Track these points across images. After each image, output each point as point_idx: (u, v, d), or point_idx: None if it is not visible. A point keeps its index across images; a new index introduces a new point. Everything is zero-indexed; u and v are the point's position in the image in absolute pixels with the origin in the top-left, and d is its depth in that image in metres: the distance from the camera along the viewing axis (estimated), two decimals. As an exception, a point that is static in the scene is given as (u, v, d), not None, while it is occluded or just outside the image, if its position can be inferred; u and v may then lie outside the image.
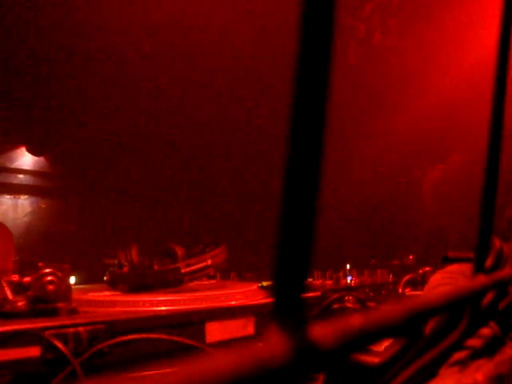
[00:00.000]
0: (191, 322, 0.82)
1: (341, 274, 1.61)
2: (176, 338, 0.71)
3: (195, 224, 4.15)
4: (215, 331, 0.83)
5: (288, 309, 0.20)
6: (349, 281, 1.62)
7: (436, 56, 3.12)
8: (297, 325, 0.19)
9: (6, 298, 0.83)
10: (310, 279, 1.48)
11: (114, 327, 0.74)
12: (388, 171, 3.59)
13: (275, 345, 0.18)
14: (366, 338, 0.21)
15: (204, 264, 1.16)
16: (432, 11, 3.01)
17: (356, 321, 0.21)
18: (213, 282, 1.45)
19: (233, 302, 0.96)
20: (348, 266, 1.75)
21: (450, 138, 3.24)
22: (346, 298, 1.04)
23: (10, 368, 0.59)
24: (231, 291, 1.01)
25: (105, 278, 1.23)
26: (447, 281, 0.79)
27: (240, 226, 4.00)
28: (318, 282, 1.50)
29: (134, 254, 1.31)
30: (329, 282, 1.50)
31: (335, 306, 0.99)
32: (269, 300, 0.95)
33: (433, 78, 3.14)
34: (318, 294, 1.00)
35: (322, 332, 0.19)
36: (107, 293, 1.12)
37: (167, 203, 4.41)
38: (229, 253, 1.27)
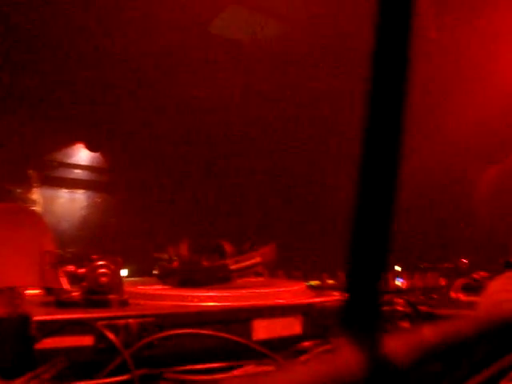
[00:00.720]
0: (238, 319, 0.82)
1: (390, 275, 1.57)
2: (222, 334, 0.72)
3: (245, 221, 4.17)
4: (262, 329, 0.83)
5: (361, 315, 0.19)
6: (398, 283, 1.58)
7: (501, 52, 2.99)
8: (370, 335, 0.18)
9: (62, 288, 0.86)
10: (384, 279, 1.46)
11: (163, 320, 0.75)
12: (442, 170, 3.47)
13: (349, 359, 0.17)
14: (441, 354, 0.20)
15: (253, 261, 1.16)
16: (497, 1, 2.88)
17: (429, 334, 0.19)
18: (261, 279, 1.45)
19: (280, 301, 0.95)
20: (397, 268, 1.71)
21: (508, 137, 3.09)
22: (396, 301, 1.01)
23: (65, 354, 0.61)
24: (279, 289, 1.00)
25: (155, 272, 1.25)
26: (509, 287, 0.75)
27: (289, 224, 3.98)
28: (393, 283, 1.47)
29: (184, 250, 1.33)
30: None
31: (384, 308, 0.97)
32: (316, 299, 0.94)
33: (494, 75, 3.01)
34: (392, 295, 0.98)
35: (396, 346, 0.18)
36: (157, 286, 1.14)
37: (218, 200, 4.46)
38: (277, 251, 1.26)
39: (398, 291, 1.35)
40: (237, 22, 3.17)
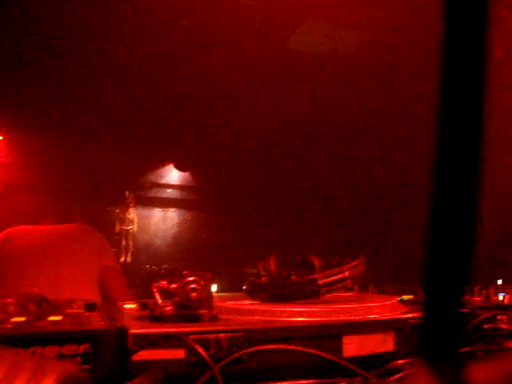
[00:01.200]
0: (328, 335, 0.80)
1: (492, 290, 1.46)
2: (312, 351, 0.70)
3: (333, 235, 4.11)
4: (352, 345, 0.81)
5: (441, 336, 0.17)
6: (501, 298, 1.46)
7: None
8: (450, 360, 0.16)
9: (156, 303, 0.90)
10: (467, 295, 1.37)
11: (252, 336, 0.75)
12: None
13: None
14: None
15: (342, 275, 1.14)
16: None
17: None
18: (351, 294, 1.42)
19: (371, 316, 0.92)
20: (500, 282, 1.59)
21: None
22: (499, 318, 0.94)
23: (158, 367, 0.63)
24: (370, 304, 0.97)
25: (244, 287, 1.27)
26: None
27: (379, 238, 3.87)
28: (465, 298, 1.37)
29: (273, 265, 1.34)
30: (477, 299, 1.37)
31: (486, 326, 0.90)
32: (409, 315, 0.90)
33: None
34: (466, 310, 0.91)
35: (483, 376, 0.16)
36: (246, 301, 1.15)
37: (306, 215, 4.44)
38: (367, 265, 1.23)
39: (501, 307, 1.25)
40: (316, 36, 3.17)
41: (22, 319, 0.76)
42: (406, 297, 1.15)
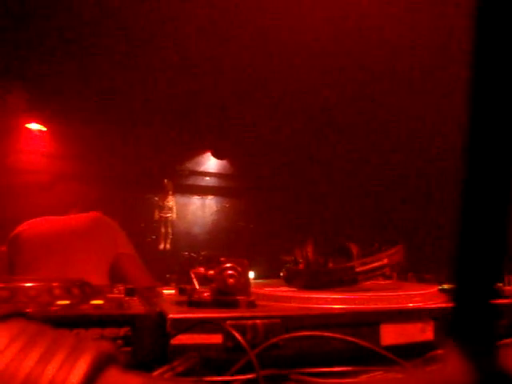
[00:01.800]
0: (365, 323, 0.80)
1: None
2: (349, 338, 0.70)
3: (371, 222, 4.06)
4: (390, 334, 0.80)
5: (472, 322, 0.16)
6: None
7: None
8: (483, 346, 0.16)
9: (194, 289, 0.91)
10: (500, 284, 1.33)
11: (289, 322, 0.75)
12: None
13: (454, 373, 0.15)
14: None
15: (380, 263, 1.12)
16: None
17: None
18: (389, 282, 1.40)
19: (410, 305, 0.91)
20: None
21: None
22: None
23: (196, 351, 0.64)
24: (409, 293, 0.95)
25: (281, 274, 1.27)
26: None
27: (419, 224, 3.80)
28: (510, 288, 1.33)
29: (310, 252, 1.33)
30: (509, 288, 1.32)
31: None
32: (450, 304, 0.88)
33: None
34: (510, 301, 0.89)
35: None
36: (283, 288, 1.15)
37: (344, 202, 4.40)
38: (406, 252, 1.21)
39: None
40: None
41: (67, 302, 0.79)
42: (446, 286, 1.13)
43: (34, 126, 4.65)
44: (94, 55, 3.66)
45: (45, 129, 4.69)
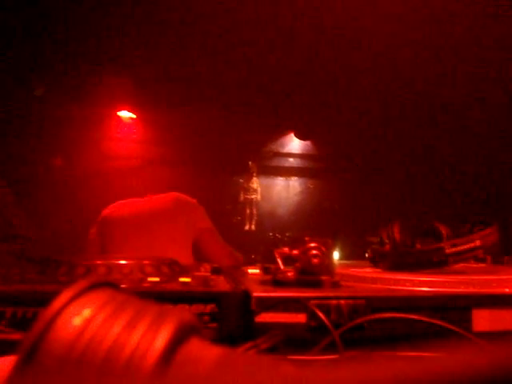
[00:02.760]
0: (455, 307, 0.76)
1: None
2: (438, 322, 0.67)
3: (463, 201, 3.85)
4: (483, 320, 0.76)
5: None
6: None
7: None
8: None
9: (278, 268, 0.92)
10: None
11: (374, 303, 0.74)
12: None
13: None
14: None
15: (472, 245, 1.06)
16: None
17: None
18: (482, 265, 1.32)
19: (506, 290, 0.85)
20: None
21: None
22: None
23: (280, 329, 0.65)
24: (504, 277, 0.89)
25: (366, 255, 1.25)
26: None
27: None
28: None
29: (396, 232, 1.30)
30: None
31: None
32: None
33: None
34: None
35: None
36: (368, 269, 1.13)
37: (432, 180, 4.21)
38: (502, 233, 1.13)
39: None
40: None
41: (157, 279, 0.84)
42: (547, 270, 1.05)
43: (125, 114, 4.91)
44: (181, 41, 3.76)
45: (134, 116, 4.93)
